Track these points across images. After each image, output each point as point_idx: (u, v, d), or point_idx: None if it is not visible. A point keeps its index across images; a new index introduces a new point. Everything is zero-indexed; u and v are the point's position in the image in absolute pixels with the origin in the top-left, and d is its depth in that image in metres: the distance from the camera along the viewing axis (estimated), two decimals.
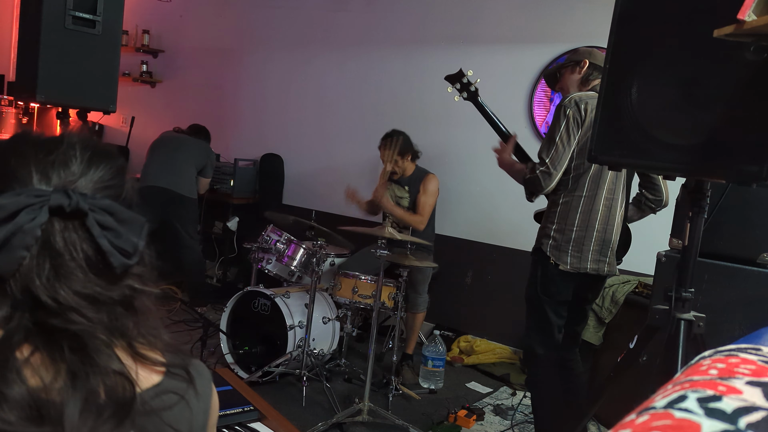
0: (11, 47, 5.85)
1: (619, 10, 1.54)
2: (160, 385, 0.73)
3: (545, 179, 2.26)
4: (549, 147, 2.28)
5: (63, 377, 0.64)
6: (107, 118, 4.74)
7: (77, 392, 0.63)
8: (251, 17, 5.43)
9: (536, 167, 2.29)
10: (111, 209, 0.67)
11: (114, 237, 0.67)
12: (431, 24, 4.42)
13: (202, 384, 0.78)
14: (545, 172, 2.26)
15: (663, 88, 1.47)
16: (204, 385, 0.79)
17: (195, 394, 0.76)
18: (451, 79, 2.68)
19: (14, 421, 0.60)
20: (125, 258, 0.68)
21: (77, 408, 0.62)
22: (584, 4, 3.75)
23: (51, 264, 0.65)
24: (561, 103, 2.31)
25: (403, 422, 2.82)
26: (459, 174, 4.25)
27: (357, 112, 4.80)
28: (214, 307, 4.34)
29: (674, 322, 1.58)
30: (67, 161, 0.69)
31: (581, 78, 2.48)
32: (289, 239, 3.58)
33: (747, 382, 0.34)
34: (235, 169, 5.01)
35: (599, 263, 2.35)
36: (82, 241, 0.66)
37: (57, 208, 0.64)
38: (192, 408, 0.75)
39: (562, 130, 2.26)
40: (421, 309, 3.68)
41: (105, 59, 2.78)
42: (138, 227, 0.69)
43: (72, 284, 0.65)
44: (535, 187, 2.31)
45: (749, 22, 1.12)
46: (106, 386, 0.65)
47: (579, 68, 2.47)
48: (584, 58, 2.48)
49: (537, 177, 2.27)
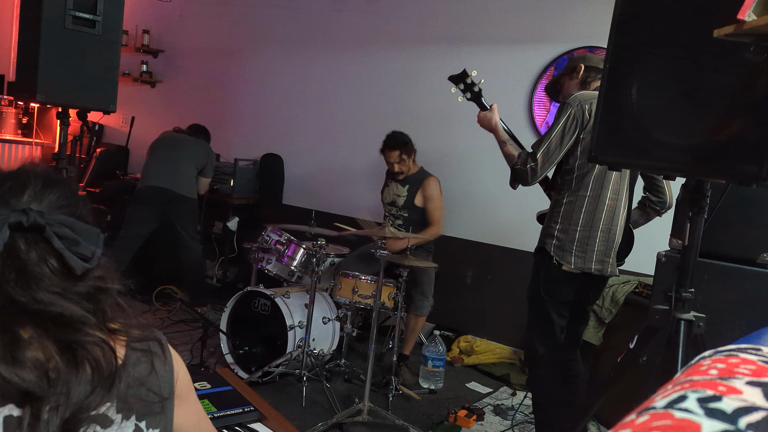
0: (11, 47, 5.85)
1: (619, 10, 1.54)
2: (132, 355, 0.85)
3: (532, 176, 2.30)
4: (542, 143, 2.30)
5: (56, 351, 0.76)
6: (107, 118, 4.74)
7: (70, 363, 0.76)
8: (251, 17, 5.43)
9: (527, 161, 2.30)
10: (66, 222, 0.79)
11: (72, 245, 0.78)
12: (432, 24, 4.42)
13: (167, 351, 0.92)
14: (533, 169, 2.29)
15: (663, 88, 1.46)
16: (168, 351, 0.93)
17: (163, 361, 0.90)
18: (454, 79, 2.66)
19: (33, 380, 0.72)
20: (84, 262, 0.79)
21: (75, 376, 0.76)
22: (584, 4, 3.75)
23: (17, 272, 0.76)
24: (565, 101, 2.33)
25: (403, 422, 2.82)
26: (459, 174, 4.25)
27: (357, 112, 4.80)
28: (214, 307, 4.34)
29: (674, 322, 1.58)
30: (24, 188, 0.82)
31: (580, 81, 2.49)
32: (289, 239, 3.58)
33: (747, 382, 0.34)
34: (235, 169, 5.01)
35: (603, 263, 2.35)
36: (44, 251, 0.78)
37: (16, 224, 0.76)
38: (159, 372, 0.88)
39: (558, 128, 2.27)
40: (424, 312, 3.63)
41: (105, 59, 2.78)
42: (94, 236, 0.81)
43: (42, 285, 0.77)
44: (521, 179, 2.35)
45: (749, 22, 1.12)
46: (94, 357, 0.78)
47: (576, 73, 2.49)
48: (579, 63, 2.51)
49: (525, 171, 2.30)
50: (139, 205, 4.18)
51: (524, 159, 2.32)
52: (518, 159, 2.34)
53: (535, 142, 2.34)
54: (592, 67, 2.44)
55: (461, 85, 2.64)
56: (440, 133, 4.24)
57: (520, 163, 2.32)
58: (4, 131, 5.92)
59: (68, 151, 2.99)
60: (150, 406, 0.85)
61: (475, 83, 2.62)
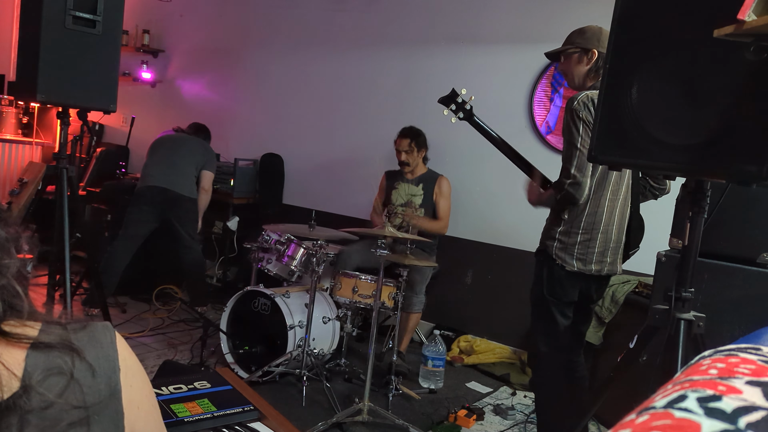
0: (11, 47, 5.85)
1: (619, 10, 1.54)
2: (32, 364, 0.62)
3: (577, 191, 2.19)
4: (572, 155, 2.19)
5: None
6: (107, 118, 4.75)
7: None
8: (251, 17, 5.43)
9: (563, 183, 2.21)
10: None
11: None
12: (431, 24, 4.42)
13: (97, 351, 0.68)
14: (574, 184, 2.19)
15: (663, 88, 1.47)
16: (100, 353, 0.68)
17: (87, 367, 0.66)
18: (445, 101, 2.59)
19: None
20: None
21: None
22: (584, 4, 3.75)
23: None
24: (571, 107, 2.22)
25: (403, 422, 2.82)
26: (459, 174, 4.25)
27: (357, 112, 4.80)
28: (214, 306, 4.34)
29: (674, 322, 1.58)
30: None
31: (588, 70, 2.35)
32: (289, 239, 3.58)
33: (747, 382, 0.34)
34: (235, 169, 5.01)
35: (601, 264, 2.34)
36: None
37: None
38: (82, 383, 0.65)
39: (582, 134, 2.18)
40: (415, 309, 3.63)
41: (105, 59, 2.78)
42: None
43: None
44: (571, 202, 2.24)
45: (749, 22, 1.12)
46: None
47: (587, 59, 2.35)
48: (593, 47, 2.33)
49: (569, 193, 2.20)
50: (138, 205, 4.18)
51: (560, 184, 2.23)
52: (557, 189, 2.26)
53: (563, 158, 2.24)
54: (602, 55, 2.29)
55: (452, 106, 2.59)
56: (440, 133, 4.24)
57: (559, 191, 2.23)
58: (4, 131, 5.92)
59: (68, 151, 2.99)
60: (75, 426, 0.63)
61: (466, 101, 2.58)
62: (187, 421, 1.28)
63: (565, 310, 2.39)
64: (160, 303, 4.38)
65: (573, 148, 2.20)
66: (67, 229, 2.78)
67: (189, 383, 1.44)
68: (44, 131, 6.18)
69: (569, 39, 2.44)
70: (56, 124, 4.83)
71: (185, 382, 1.44)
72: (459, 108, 2.59)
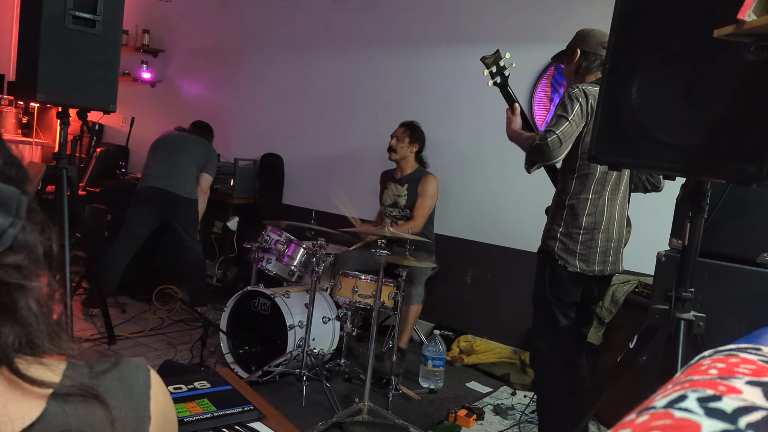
0: (11, 47, 5.86)
1: (619, 10, 1.54)
2: (42, 419, 0.50)
3: (551, 150, 2.14)
4: (560, 123, 2.16)
5: None
6: (107, 118, 4.75)
7: None
8: (251, 17, 5.43)
9: (546, 136, 2.16)
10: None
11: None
12: (431, 24, 4.42)
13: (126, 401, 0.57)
14: (554, 142, 2.14)
15: (663, 88, 1.47)
16: (129, 403, 0.57)
17: (110, 421, 0.54)
18: (486, 60, 2.49)
19: None
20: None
21: None
22: (584, 4, 3.75)
23: None
24: (569, 91, 2.22)
25: (403, 422, 2.82)
26: (459, 174, 4.25)
27: (357, 112, 4.80)
28: (214, 306, 4.34)
29: (674, 322, 1.58)
30: None
31: (573, 68, 2.38)
32: (288, 239, 3.58)
33: (747, 382, 0.34)
34: (235, 168, 5.01)
35: (604, 264, 2.34)
36: None
37: None
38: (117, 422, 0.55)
39: (576, 110, 2.16)
40: (414, 301, 3.64)
41: (105, 59, 2.78)
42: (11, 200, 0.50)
43: None
44: (542, 155, 2.18)
45: (749, 22, 1.12)
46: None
47: (572, 58, 2.38)
48: (577, 46, 2.36)
49: (546, 145, 2.14)
50: (139, 205, 4.18)
51: (543, 135, 2.18)
52: (536, 136, 2.22)
53: (549, 124, 2.20)
54: (588, 54, 2.33)
55: (493, 68, 2.50)
56: (440, 133, 4.24)
57: (539, 139, 2.18)
58: (4, 131, 5.92)
59: (68, 150, 2.99)
60: None
61: (506, 67, 2.49)
62: (187, 421, 1.28)
63: (567, 310, 2.38)
64: (160, 303, 4.38)
65: (563, 119, 2.17)
66: (67, 229, 2.78)
67: (189, 383, 1.44)
68: (44, 131, 6.18)
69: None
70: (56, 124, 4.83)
71: (185, 382, 1.44)
72: (498, 72, 2.50)
